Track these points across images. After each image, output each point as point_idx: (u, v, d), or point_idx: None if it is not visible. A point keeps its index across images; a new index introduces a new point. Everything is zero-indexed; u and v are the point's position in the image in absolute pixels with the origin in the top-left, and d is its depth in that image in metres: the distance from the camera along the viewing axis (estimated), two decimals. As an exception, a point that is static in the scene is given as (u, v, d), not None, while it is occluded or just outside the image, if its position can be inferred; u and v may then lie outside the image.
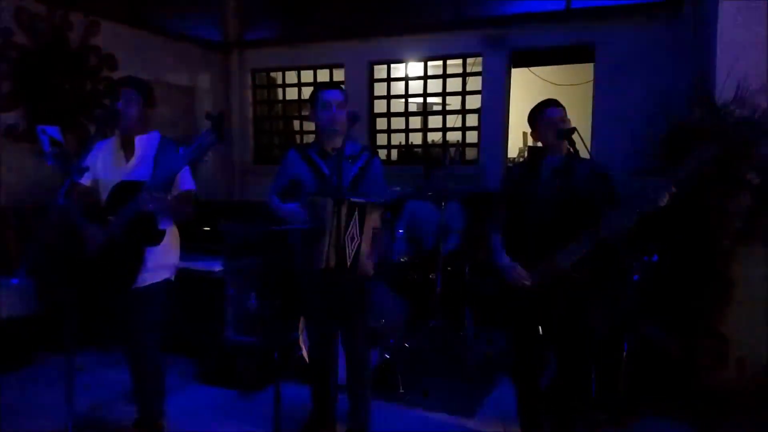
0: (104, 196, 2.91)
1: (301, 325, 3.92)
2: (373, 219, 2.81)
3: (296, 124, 7.35)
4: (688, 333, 3.67)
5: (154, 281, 2.94)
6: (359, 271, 2.81)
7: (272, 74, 7.37)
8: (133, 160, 2.92)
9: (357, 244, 2.78)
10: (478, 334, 4.58)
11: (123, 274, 2.85)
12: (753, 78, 3.67)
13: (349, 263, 2.77)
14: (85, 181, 2.92)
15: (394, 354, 3.93)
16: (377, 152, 6.11)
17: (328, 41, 6.62)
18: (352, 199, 2.75)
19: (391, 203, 2.96)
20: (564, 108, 2.81)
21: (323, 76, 6.89)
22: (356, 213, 2.76)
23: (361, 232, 2.77)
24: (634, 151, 4.10)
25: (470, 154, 6.37)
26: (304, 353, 3.89)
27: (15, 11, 4.78)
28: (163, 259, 2.97)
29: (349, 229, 2.75)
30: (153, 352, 3.05)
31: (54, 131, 2.66)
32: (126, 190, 2.80)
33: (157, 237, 2.88)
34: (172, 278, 3.06)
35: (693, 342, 3.66)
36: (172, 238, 3.02)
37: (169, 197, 2.79)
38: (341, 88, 3.08)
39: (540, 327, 2.78)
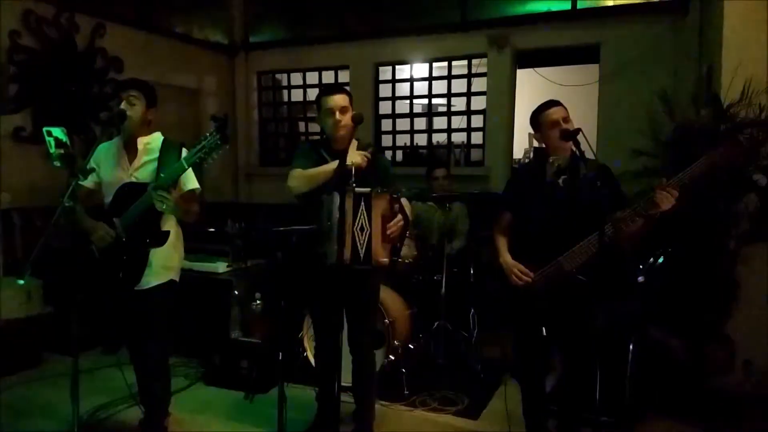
0: (108, 197, 2.93)
1: (305, 326, 3.92)
2: (381, 207, 2.75)
3: (302, 125, 7.36)
4: (694, 335, 3.65)
5: (159, 282, 2.95)
6: (373, 261, 2.75)
7: (277, 76, 7.38)
8: (136, 162, 2.93)
9: (368, 234, 2.74)
10: (483, 335, 4.57)
11: (128, 274, 2.86)
12: (759, 78, 3.66)
13: (362, 255, 2.74)
14: (90, 182, 2.93)
15: (399, 355, 3.93)
16: (383, 152, 6.12)
17: (333, 43, 6.63)
18: (356, 189, 2.72)
19: (396, 190, 2.89)
20: (565, 108, 2.80)
21: (328, 77, 6.90)
22: (362, 203, 2.73)
23: (370, 222, 2.73)
24: (640, 152, 4.08)
25: (475, 155, 6.36)
26: (309, 354, 3.90)
27: (22, 14, 4.82)
28: (168, 260, 2.98)
29: (358, 220, 2.72)
30: (158, 353, 3.05)
31: (60, 133, 2.67)
32: (130, 191, 2.81)
33: (161, 238, 2.89)
34: (177, 279, 3.07)
35: (699, 344, 3.64)
36: (176, 239, 3.03)
37: (173, 197, 2.80)
38: (344, 89, 3.03)
39: (543, 328, 2.77)
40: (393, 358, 3.86)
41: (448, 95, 6.37)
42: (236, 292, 4.34)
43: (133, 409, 3.43)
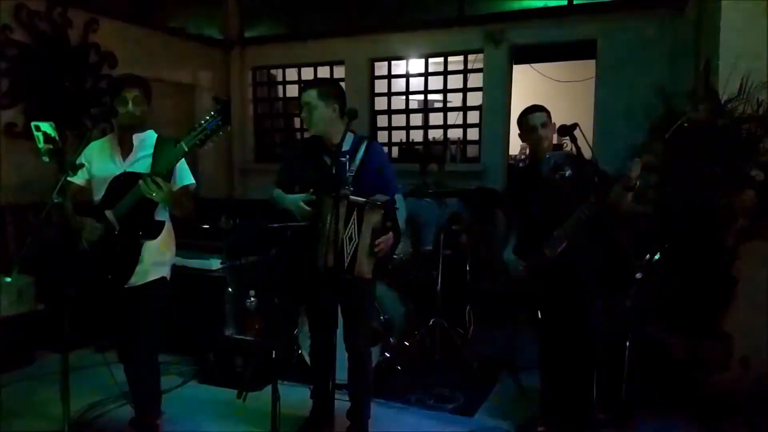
0: (100, 193, 2.87)
1: (300, 324, 3.89)
2: (374, 220, 2.69)
3: (297, 121, 7.32)
4: (692, 332, 3.64)
5: (151, 279, 2.91)
6: (356, 273, 2.70)
7: (273, 71, 7.35)
8: (131, 157, 2.89)
9: (355, 245, 2.68)
10: (479, 332, 4.56)
11: (119, 271, 2.83)
12: (756, 73, 3.63)
13: (346, 264, 2.69)
14: (80, 179, 2.88)
15: (395, 352, 3.91)
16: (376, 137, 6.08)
17: (329, 38, 6.60)
18: (350, 198, 2.68)
19: (392, 204, 2.84)
20: (547, 113, 2.93)
21: (324, 73, 6.87)
22: (355, 213, 2.67)
23: (360, 233, 2.68)
24: (636, 148, 4.06)
25: (471, 151, 6.34)
26: (304, 352, 3.87)
27: (14, 8, 4.77)
28: (159, 256, 2.94)
29: (348, 229, 2.67)
30: (149, 350, 3.02)
31: (48, 127, 2.63)
32: (126, 181, 2.77)
33: (155, 229, 2.85)
34: (168, 276, 3.03)
35: (696, 341, 3.62)
36: (168, 235, 2.98)
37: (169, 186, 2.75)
38: (319, 85, 2.96)
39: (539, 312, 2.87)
40: (388, 355, 3.84)
41: (444, 91, 6.35)
42: (230, 290, 4.31)
43: (125, 407, 3.40)
